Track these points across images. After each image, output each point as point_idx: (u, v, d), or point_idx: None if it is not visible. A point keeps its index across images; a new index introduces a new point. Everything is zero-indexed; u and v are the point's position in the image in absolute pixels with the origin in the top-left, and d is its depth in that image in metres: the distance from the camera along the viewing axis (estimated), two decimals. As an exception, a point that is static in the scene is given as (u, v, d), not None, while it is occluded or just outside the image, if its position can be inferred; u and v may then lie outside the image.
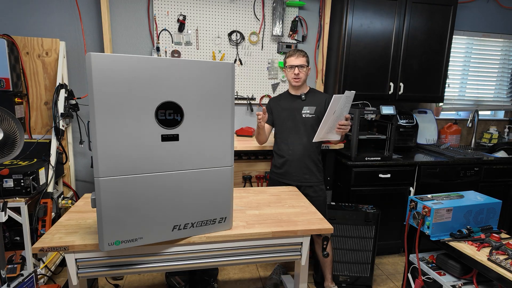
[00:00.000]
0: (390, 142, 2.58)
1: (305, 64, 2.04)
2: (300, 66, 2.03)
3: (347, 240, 2.26)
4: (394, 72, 2.75)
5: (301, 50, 2.06)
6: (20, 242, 2.05)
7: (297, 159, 2.08)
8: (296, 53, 2.04)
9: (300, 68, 2.03)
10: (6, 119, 1.41)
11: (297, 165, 2.09)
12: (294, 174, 2.10)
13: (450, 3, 2.73)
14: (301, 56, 2.04)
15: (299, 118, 2.08)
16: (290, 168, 2.10)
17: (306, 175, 2.09)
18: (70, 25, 2.55)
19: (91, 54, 1.02)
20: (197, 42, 2.73)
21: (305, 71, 2.06)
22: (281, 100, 2.19)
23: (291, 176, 2.10)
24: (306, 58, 2.06)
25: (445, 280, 1.67)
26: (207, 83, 1.23)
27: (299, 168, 2.08)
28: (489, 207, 1.75)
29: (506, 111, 3.55)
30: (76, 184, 2.71)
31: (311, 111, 2.07)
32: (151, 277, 2.36)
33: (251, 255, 1.46)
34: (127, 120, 1.11)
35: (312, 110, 2.07)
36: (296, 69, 2.03)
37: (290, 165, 2.10)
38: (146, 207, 1.21)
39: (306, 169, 2.09)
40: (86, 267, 1.31)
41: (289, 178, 2.11)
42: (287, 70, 2.08)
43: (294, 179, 2.10)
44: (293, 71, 2.04)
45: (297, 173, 2.09)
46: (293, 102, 2.12)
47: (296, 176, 2.09)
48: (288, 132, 2.11)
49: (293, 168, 2.09)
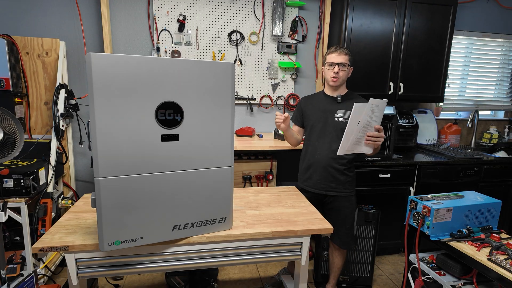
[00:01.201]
0: (390, 142, 2.58)
1: (347, 63, 1.89)
2: (341, 65, 1.87)
3: (347, 240, 2.26)
4: (394, 72, 2.75)
5: (344, 48, 1.91)
6: (20, 242, 2.05)
7: (323, 165, 1.94)
8: (338, 50, 1.88)
9: (341, 67, 1.87)
10: (6, 119, 1.41)
11: (322, 172, 1.94)
12: (319, 181, 1.96)
13: (450, 3, 2.73)
14: (344, 53, 1.88)
15: (331, 121, 1.93)
16: (315, 174, 1.97)
17: (332, 184, 1.95)
18: (70, 25, 2.55)
19: (91, 54, 1.02)
20: (197, 42, 2.73)
21: (346, 71, 1.90)
22: (314, 100, 2.05)
23: (315, 183, 1.97)
24: (349, 56, 1.90)
25: (445, 280, 1.67)
26: (207, 83, 1.23)
27: (325, 176, 1.94)
28: (489, 207, 1.74)
29: (506, 111, 3.55)
30: (76, 184, 2.71)
31: (346, 115, 1.89)
32: (151, 277, 2.36)
33: (251, 255, 1.46)
34: (127, 120, 1.11)
35: (347, 114, 1.87)
36: (336, 67, 1.87)
37: (315, 171, 1.97)
38: (146, 207, 1.21)
39: (332, 177, 1.94)
40: (86, 267, 1.31)
41: (314, 186, 1.98)
42: (326, 67, 1.92)
43: (318, 187, 1.97)
44: (333, 69, 1.88)
45: (322, 181, 1.95)
46: (327, 103, 1.97)
47: (321, 184, 1.96)
48: (318, 135, 1.96)
49: (318, 175, 1.96)
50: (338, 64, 1.87)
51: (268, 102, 2.97)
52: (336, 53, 1.88)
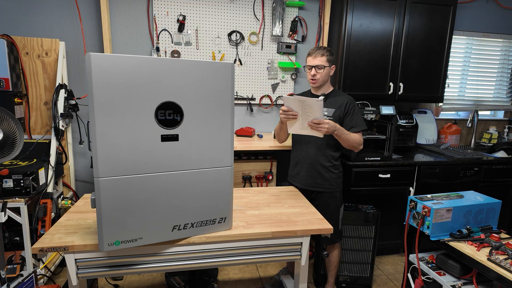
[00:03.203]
0: (390, 142, 2.58)
1: (324, 64, 1.89)
2: (317, 67, 1.89)
3: (347, 240, 2.26)
4: (394, 72, 2.75)
5: (322, 48, 1.91)
6: (20, 243, 2.05)
7: (309, 162, 1.99)
8: (314, 52, 1.90)
9: (317, 69, 1.89)
10: (6, 119, 1.41)
11: (309, 168, 2.00)
12: (306, 177, 2.01)
13: (449, 3, 2.73)
14: (320, 55, 1.89)
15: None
16: (302, 170, 2.02)
17: (318, 180, 1.99)
18: (70, 25, 2.55)
19: (90, 54, 1.02)
20: (197, 42, 2.73)
21: (324, 72, 1.91)
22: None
23: (302, 179, 2.03)
24: (327, 57, 1.90)
25: (445, 280, 1.67)
26: (206, 83, 1.23)
27: (311, 172, 1.99)
28: (489, 207, 1.75)
29: (505, 111, 3.55)
30: (76, 184, 2.71)
31: (329, 113, 1.94)
32: (151, 277, 2.36)
33: (251, 255, 1.46)
34: (126, 120, 1.11)
35: (330, 112, 1.94)
36: (313, 69, 1.90)
37: (302, 167, 2.02)
38: (145, 207, 1.21)
39: (317, 174, 1.99)
40: (86, 267, 1.31)
41: (300, 181, 2.03)
42: (306, 70, 1.96)
43: (305, 183, 2.02)
44: (310, 72, 1.92)
45: (309, 177, 2.00)
46: None
47: (307, 180, 2.01)
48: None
49: (305, 171, 2.01)
50: (314, 67, 1.90)
51: (268, 102, 2.97)
52: (312, 56, 1.91)
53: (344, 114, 1.94)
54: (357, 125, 1.94)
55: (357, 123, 1.95)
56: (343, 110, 1.94)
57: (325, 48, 1.93)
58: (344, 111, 1.94)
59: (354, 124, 1.94)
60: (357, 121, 1.95)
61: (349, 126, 1.94)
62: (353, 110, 1.95)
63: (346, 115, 1.95)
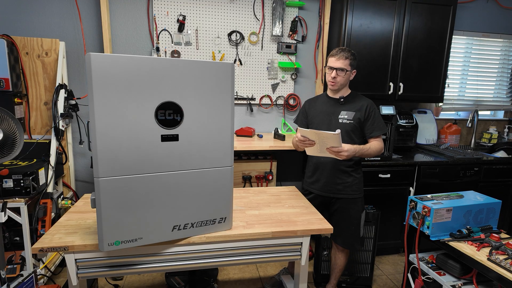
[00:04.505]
0: (390, 142, 2.58)
1: (346, 68, 1.84)
2: (339, 70, 1.84)
3: (347, 240, 2.26)
4: (394, 72, 2.75)
5: (346, 51, 1.85)
6: (20, 243, 2.05)
7: (330, 167, 1.93)
8: (338, 54, 1.84)
9: (339, 72, 1.85)
10: (6, 119, 1.41)
11: (329, 174, 1.94)
12: (326, 183, 1.96)
13: (449, 3, 2.73)
14: (343, 58, 1.83)
15: (335, 123, 1.91)
16: (321, 176, 1.97)
17: (339, 186, 1.94)
18: (70, 25, 2.55)
19: (90, 54, 1.02)
20: (196, 42, 2.73)
21: (345, 76, 1.87)
22: (317, 102, 2.04)
23: (322, 185, 1.97)
24: (351, 60, 1.85)
25: (445, 280, 1.67)
26: (206, 83, 1.23)
27: (332, 178, 1.94)
28: (489, 207, 1.75)
29: (505, 111, 3.55)
30: (76, 184, 2.71)
31: (349, 116, 1.90)
32: (151, 277, 2.36)
33: (251, 255, 1.46)
34: (126, 120, 1.11)
35: (351, 115, 1.89)
36: (334, 72, 1.85)
37: (321, 174, 1.96)
38: (146, 207, 1.21)
39: (339, 180, 1.94)
40: (86, 268, 1.31)
41: (320, 188, 1.98)
42: (326, 70, 1.91)
43: (325, 190, 1.97)
44: (331, 73, 1.87)
45: (329, 183, 1.95)
46: (330, 105, 1.96)
47: (327, 186, 1.96)
48: None
49: (324, 177, 1.96)
50: (336, 69, 1.85)
51: (268, 102, 2.97)
52: (335, 58, 1.85)
53: (364, 117, 1.90)
54: (378, 129, 1.91)
55: (379, 126, 1.92)
56: (364, 113, 1.90)
57: (349, 51, 1.87)
58: (364, 115, 1.90)
59: (375, 128, 1.91)
60: (379, 125, 1.92)
61: (371, 130, 1.91)
62: (373, 113, 1.92)
63: (367, 119, 1.91)
